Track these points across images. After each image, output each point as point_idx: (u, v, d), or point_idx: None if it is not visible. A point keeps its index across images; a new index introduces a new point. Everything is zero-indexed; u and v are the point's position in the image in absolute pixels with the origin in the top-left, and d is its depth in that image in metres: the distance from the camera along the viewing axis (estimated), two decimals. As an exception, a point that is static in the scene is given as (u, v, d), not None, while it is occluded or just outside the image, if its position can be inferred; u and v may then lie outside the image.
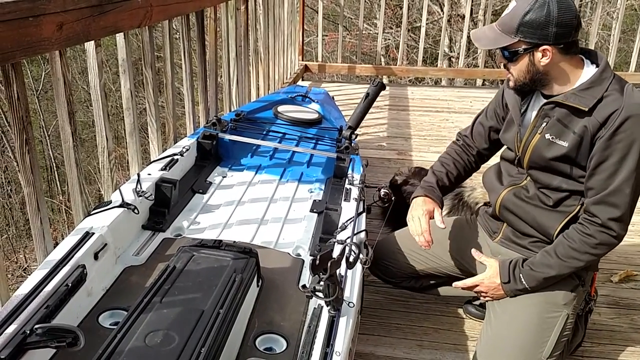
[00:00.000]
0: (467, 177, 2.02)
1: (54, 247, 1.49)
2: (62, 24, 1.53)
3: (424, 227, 1.79)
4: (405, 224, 2.08)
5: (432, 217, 1.83)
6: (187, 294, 1.30)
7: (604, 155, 1.54)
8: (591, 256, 1.62)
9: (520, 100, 1.73)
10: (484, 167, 2.01)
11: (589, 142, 1.56)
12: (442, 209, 1.89)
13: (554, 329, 1.68)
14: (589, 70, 1.60)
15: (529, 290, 1.69)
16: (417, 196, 1.90)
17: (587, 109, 1.54)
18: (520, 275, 1.68)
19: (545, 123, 1.64)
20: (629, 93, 1.54)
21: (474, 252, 1.82)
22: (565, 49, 1.57)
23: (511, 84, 1.68)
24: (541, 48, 1.55)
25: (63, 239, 1.49)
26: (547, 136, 1.63)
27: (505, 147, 1.85)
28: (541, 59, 1.57)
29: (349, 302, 1.33)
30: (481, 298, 1.83)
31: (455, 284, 1.84)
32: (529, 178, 1.74)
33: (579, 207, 1.65)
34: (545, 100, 1.66)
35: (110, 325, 1.36)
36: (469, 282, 1.79)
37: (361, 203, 1.87)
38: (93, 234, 1.51)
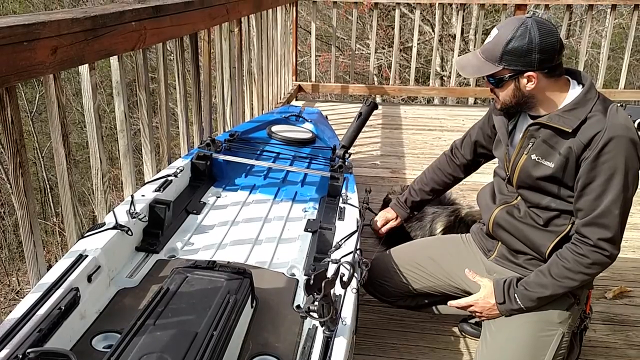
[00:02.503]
0: (448, 187, 2.14)
1: (47, 269, 1.48)
2: (57, 47, 1.55)
3: (377, 225, 2.11)
4: (401, 243, 2.11)
5: (388, 222, 2.14)
6: (181, 315, 1.30)
7: (590, 176, 1.55)
8: (585, 275, 1.63)
9: (507, 121, 1.76)
10: (479, 184, 2.04)
11: (574, 163, 1.58)
12: (401, 220, 2.16)
13: (549, 348, 1.68)
14: (575, 92, 1.63)
15: (524, 310, 1.69)
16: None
17: (570, 130, 1.57)
18: (515, 295, 1.69)
19: (531, 144, 1.67)
20: (612, 114, 1.56)
21: (467, 272, 1.83)
22: (550, 73, 1.59)
23: (498, 106, 1.71)
24: (526, 74, 1.58)
25: (57, 261, 1.49)
26: (533, 157, 1.65)
27: (497, 163, 1.88)
28: (527, 84, 1.60)
29: (344, 322, 1.33)
30: (476, 317, 1.84)
31: (450, 303, 1.84)
32: (519, 197, 1.75)
33: (569, 226, 1.66)
34: (531, 121, 1.68)
35: (103, 348, 1.35)
36: (463, 302, 1.80)
37: (355, 222, 1.87)
38: (86, 256, 1.50)
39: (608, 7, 5.22)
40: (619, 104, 1.62)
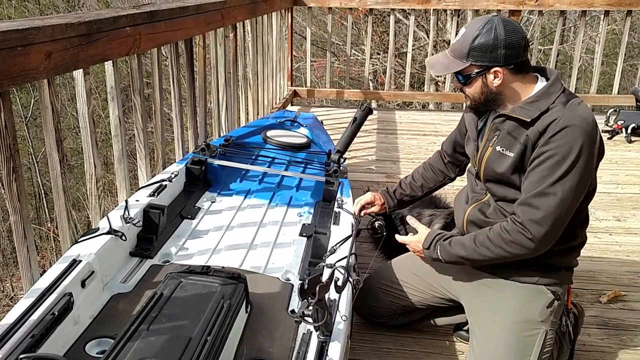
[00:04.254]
0: (438, 185, 2.12)
1: (41, 275, 1.47)
2: (51, 52, 1.55)
3: (358, 205, 2.06)
4: (396, 255, 2.11)
5: (371, 204, 2.08)
6: (175, 321, 1.29)
7: (538, 161, 1.58)
8: (503, 252, 1.63)
9: (477, 118, 1.80)
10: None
11: (531, 151, 1.61)
12: (387, 210, 2.11)
13: (534, 347, 1.70)
14: (540, 86, 1.66)
15: (442, 261, 1.76)
16: (368, 189, 2.17)
17: (529, 120, 1.60)
18: (438, 246, 1.76)
19: (496, 137, 1.70)
20: (572, 106, 1.58)
21: (409, 218, 1.91)
22: (516, 69, 1.63)
23: (468, 103, 1.76)
24: (492, 70, 1.62)
25: (51, 266, 1.48)
26: (498, 148, 1.68)
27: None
28: (493, 80, 1.64)
29: (338, 326, 1.33)
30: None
31: (396, 237, 1.92)
32: (489, 193, 1.78)
33: None
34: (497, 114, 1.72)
35: (97, 354, 1.34)
36: (400, 238, 1.91)
37: (350, 226, 1.88)
38: (80, 261, 1.50)
39: (601, 13, 5.25)
40: (579, 101, 1.61)
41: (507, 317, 1.72)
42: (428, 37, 9.52)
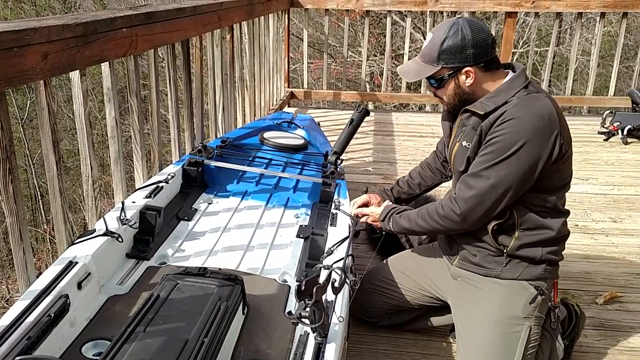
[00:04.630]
0: (435, 183, 2.15)
1: (37, 276, 1.47)
2: (47, 53, 1.54)
3: (356, 204, 2.07)
4: (392, 253, 2.12)
5: (365, 204, 2.08)
6: (171, 322, 1.29)
7: (483, 146, 1.64)
8: (437, 225, 1.74)
9: (451, 119, 1.84)
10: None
11: (483, 141, 1.65)
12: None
13: (518, 343, 1.71)
14: (508, 76, 1.70)
15: (393, 232, 1.90)
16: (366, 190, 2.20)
17: (482, 113, 1.64)
18: (391, 217, 1.87)
19: (462, 132, 1.74)
20: (529, 99, 1.61)
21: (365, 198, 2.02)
22: (486, 67, 1.67)
23: (445, 106, 1.81)
24: (464, 70, 1.65)
25: (47, 268, 1.48)
26: (464, 143, 1.72)
27: None
28: (465, 80, 1.67)
29: (335, 328, 1.33)
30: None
31: (356, 211, 2.00)
32: None
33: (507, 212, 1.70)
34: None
35: (93, 356, 1.34)
36: (360, 210, 2.00)
37: (347, 228, 1.88)
38: (76, 263, 1.49)
39: (597, 14, 5.27)
40: (542, 96, 1.63)
41: (489, 315, 1.74)
42: (424, 38, 9.54)
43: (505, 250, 1.72)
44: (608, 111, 4.64)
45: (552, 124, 1.58)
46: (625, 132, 4.30)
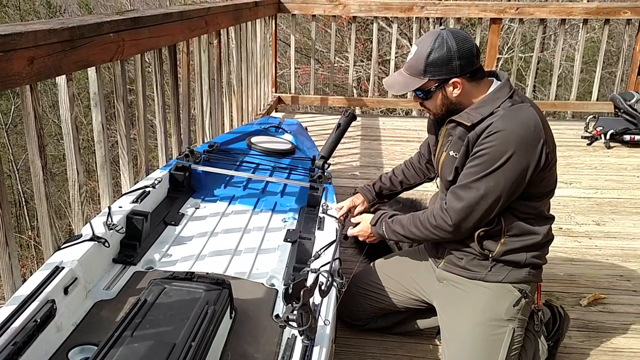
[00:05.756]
0: (417, 181, 2.18)
1: (23, 282, 1.46)
2: (34, 58, 1.54)
3: (343, 209, 2.12)
4: (379, 256, 2.13)
5: (355, 206, 2.14)
6: (159, 327, 1.29)
7: (471, 158, 1.66)
8: (430, 233, 1.77)
9: (437, 126, 1.86)
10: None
11: (470, 152, 1.67)
12: (368, 205, 2.17)
13: (502, 345, 1.73)
14: (493, 85, 1.71)
15: (385, 237, 1.91)
16: (355, 192, 2.22)
17: (469, 124, 1.65)
18: (383, 222, 1.90)
19: (449, 142, 1.75)
20: (514, 110, 1.62)
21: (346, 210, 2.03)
22: (472, 77, 1.68)
23: (431, 116, 1.82)
24: (451, 81, 1.66)
25: (32, 275, 1.47)
26: (451, 153, 1.74)
27: None
28: (453, 91, 1.69)
29: (322, 330, 1.33)
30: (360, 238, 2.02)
31: (349, 232, 2.02)
32: None
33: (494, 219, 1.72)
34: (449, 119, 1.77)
35: (80, 361, 1.33)
36: (351, 232, 2.02)
37: (335, 232, 1.89)
38: (63, 268, 1.49)
39: (580, 21, 5.35)
40: (527, 106, 1.65)
41: (473, 317, 1.76)
42: (411, 44, 9.60)
43: (490, 255, 1.74)
44: (591, 116, 4.71)
45: (537, 133, 1.60)
46: (608, 137, 4.37)
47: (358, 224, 2.03)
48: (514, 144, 1.58)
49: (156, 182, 2.11)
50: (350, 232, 2.03)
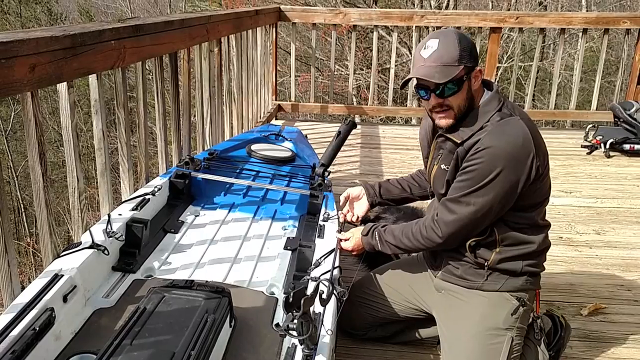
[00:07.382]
0: (423, 189, 2.11)
1: (22, 290, 1.45)
2: (35, 65, 1.54)
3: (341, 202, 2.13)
4: (380, 264, 2.12)
5: (357, 195, 2.13)
6: (158, 335, 1.28)
7: (461, 172, 1.66)
8: (419, 244, 1.78)
9: (430, 136, 1.84)
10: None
11: (459, 167, 1.67)
12: (370, 205, 2.13)
13: (500, 354, 1.73)
14: (485, 98, 1.69)
15: (377, 247, 1.88)
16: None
17: (459, 142, 1.65)
18: (375, 233, 1.89)
19: (440, 155, 1.76)
20: (502, 125, 1.61)
21: (336, 233, 1.96)
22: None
23: (449, 121, 1.67)
24: (477, 69, 1.65)
25: (30, 282, 1.46)
26: (442, 166, 1.74)
27: None
28: (474, 82, 1.66)
29: (323, 339, 1.32)
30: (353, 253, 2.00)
31: (342, 245, 1.96)
32: None
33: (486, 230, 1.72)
34: (438, 133, 1.76)
35: (78, 369, 1.32)
36: (342, 245, 1.96)
37: (335, 240, 1.88)
38: (62, 276, 1.48)
39: (579, 31, 5.37)
40: (516, 119, 1.63)
41: (472, 327, 1.76)
42: (410, 53, 9.63)
43: (486, 264, 1.74)
44: (591, 125, 4.71)
45: (526, 148, 1.59)
46: (607, 146, 4.38)
47: (349, 239, 1.98)
48: (502, 160, 1.57)
49: (156, 189, 2.10)
50: (343, 245, 1.97)
